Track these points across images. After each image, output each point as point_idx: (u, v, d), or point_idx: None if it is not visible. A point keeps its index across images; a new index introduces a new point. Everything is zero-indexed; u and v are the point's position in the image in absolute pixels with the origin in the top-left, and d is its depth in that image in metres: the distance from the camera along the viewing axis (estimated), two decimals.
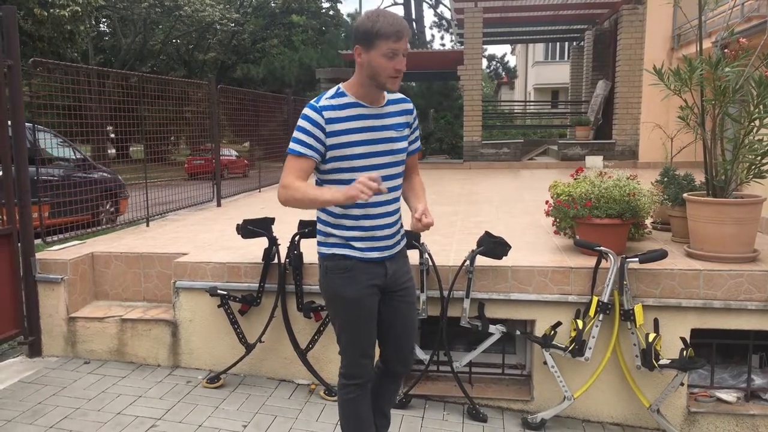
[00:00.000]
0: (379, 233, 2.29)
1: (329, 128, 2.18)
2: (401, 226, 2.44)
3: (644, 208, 3.61)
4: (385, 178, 2.27)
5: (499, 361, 3.80)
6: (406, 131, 2.36)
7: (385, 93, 2.31)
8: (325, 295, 2.39)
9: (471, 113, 12.09)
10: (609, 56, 13.18)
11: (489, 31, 14.84)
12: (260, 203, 7.00)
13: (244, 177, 11.66)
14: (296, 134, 2.21)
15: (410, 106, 2.39)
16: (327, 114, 2.18)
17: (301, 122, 2.20)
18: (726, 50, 3.45)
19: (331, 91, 2.26)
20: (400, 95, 2.37)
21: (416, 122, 2.44)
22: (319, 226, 2.36)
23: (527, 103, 26.50)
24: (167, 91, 6.46)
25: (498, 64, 31.96)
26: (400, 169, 2.36)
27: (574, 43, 16.87)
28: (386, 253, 2.33)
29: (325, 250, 2.33)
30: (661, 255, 3.22)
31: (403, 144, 2.34)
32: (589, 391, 3.44)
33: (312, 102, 2.23)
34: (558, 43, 30.46)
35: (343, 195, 2.07)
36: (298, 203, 2.18)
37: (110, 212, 7.80)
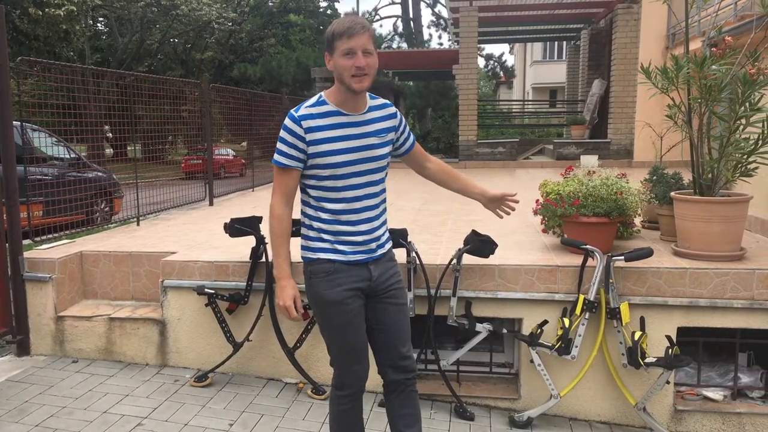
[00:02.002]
0: (360, 238, 2.28)
1: (309, 137, 2.19)
2: (385, 231, 2.42)
3: (631, 206, 3.61)
4: (367, 185, 2.28)
5: (487, 360, 3.81)
6: (391, 136, 2.37)
7: (367, 99, 2.32)
8: (311, 301, 2.35)
9: (466, 112, 12.10)
10: (605, 55, 13.20)
11: (485, 30, 14.84)
12: (252, 202, 6.99)
13: (241, 176, 11.67)
14: (279, 145, 2.23)
15: (393, 110, 2.41)
16: (306, 123, 2.19)
17: (282, 133, 2.22)
18: (714, 49, 3.45)
19: (313, 99, 2.27)
20: (382, 100, 2.39)
21: (403, 122, 2.45)
22: (305, 231, 2.34)
23: (525, 103, 26.50)
24: (162, 91, 6.45)
25: (496, 64, 31.96)
26: (382, 174, 2.36)
27: (571, 43, 16.88)
28: (371, 255, 2.32)
29: (310, 254, 2.31)
30: (647, 253, 3.22)
31: (386, 150, 2.34)
32: (575, 390, 3.44)
33: (292, 111, 2.24)
34: (556, 43, 30.47)
35: (279, 286, 2.27)
36: (269, 230, 2.31)
37: (104, 211, 7.80)
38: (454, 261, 3.45)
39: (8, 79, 3.94)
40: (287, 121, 2.21)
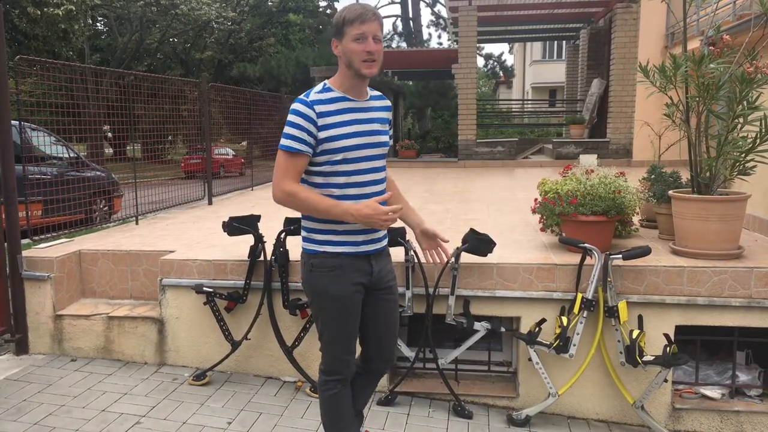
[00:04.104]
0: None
1: (321, 122, 2.21)
2: None
3: (629, 205, 3.61)
4: (374, 170, 2.33)
5: (485, 359, 3.81)
6: (387, 126, 2.42)
7: (368, 88, 2.36)
8: (309, 292, 2.39)
9: (465, 112, 12.10)
10: (604, 55, 13.19)
11: (485, 30, 14.84)
12: (251, 201, 6.99)
13: (240, 175, 11.66)
14: (288, 130, 2.21)
15: (389, 103, 2.47)
16: (318, 108, 2.21)
17: (292, 117, 2.21)
18: (712, 47, 3.46)
19: (319, 87, 2.30)
20: (379, 93, 2.45)
21: (391, 120, 2.50)
22: (307, 223, 2.36)
23: (524, 102, 26.51)
24: (161, 90, 6.45)
25: (495, 63, 31.94)
26: (384, 162, 2.41)
27: (570, 42, 16.88)
28: (376, 246, 2.36)
29: (314, 247, 2.32)
30: (644, 252, 3.22)
31: (386, 137, 2.39)
32: (573, 388, 3.44)
33: (301, 97, 2.25)
34: (555, 42, 30.47)
35: (357, 214, 2.16)
36: (302, 210, 2.25)
37: (104, 211, 7.80)
38: (453, 260, 3.45)
39: (7, 78, 3.94)
40: (299, 106, 2.20)
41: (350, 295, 2.31)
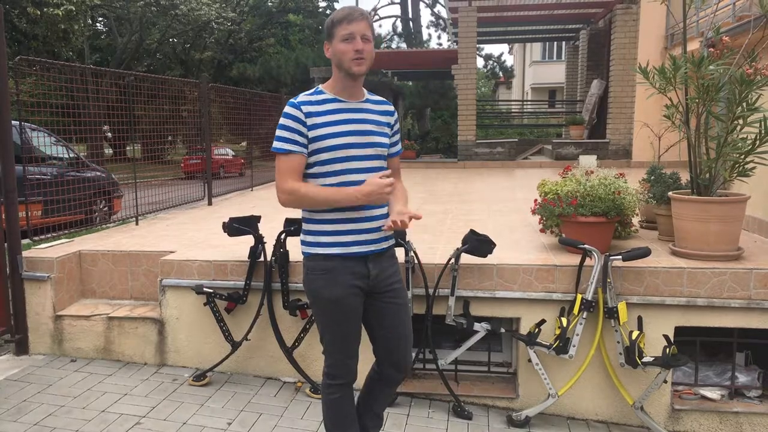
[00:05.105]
0: (364, 225, 2.30)
1: (309, 121, 2.23)
2: None
3: (629, 206, 3.62)
4: (368, 171, 2.31)
5: (485, 359, 3.81)
6: (386, 130, 2.40)
7: (364, 91, 2.37)
8: (308, 295, 2.39)
9: (465, 112, 12.11)
10: (604, 55, 13.21)
11: (484, 30, 14.85)
12: (251, 202, 7.00)
13: (240, 176, 11.67)
14: (279, 132, 2.25)
15: (391, 108, 2.46)
16: (306, 108, 2.24)
17: (282, 120, 2.26)
18: (711, 49, 3.46)
19: (310, 90, 2.34)
20: (381, 98, 2.45)
21: (397, 126, 2.48)
22: (305, 225, 2.37)
23: (524, 103, 26.51)
24: (161, 90, 6.45)
25: (495, 64, 31.92)
26: (382, 163, 2.38)
27: (570, 43, 16.89)
28: (371, 248, 2.32)
29: (308, 249, 2.34)
30: (644, 253, 3.23)
31: (384, 139, 2.37)
32: (573, 389, 3.45)
33: (291, 99, 2.30)
34: (555, 43, 30.48)
35: (360, 194, 2.19)
36: (308, 206, 2.27)
37: (104, 211, 7.80)
38: (453, 260, 3.45)
39: (7, 78, 3.94)
40: (287, 108, 2.25)
41: (345, 297, 2.29)
